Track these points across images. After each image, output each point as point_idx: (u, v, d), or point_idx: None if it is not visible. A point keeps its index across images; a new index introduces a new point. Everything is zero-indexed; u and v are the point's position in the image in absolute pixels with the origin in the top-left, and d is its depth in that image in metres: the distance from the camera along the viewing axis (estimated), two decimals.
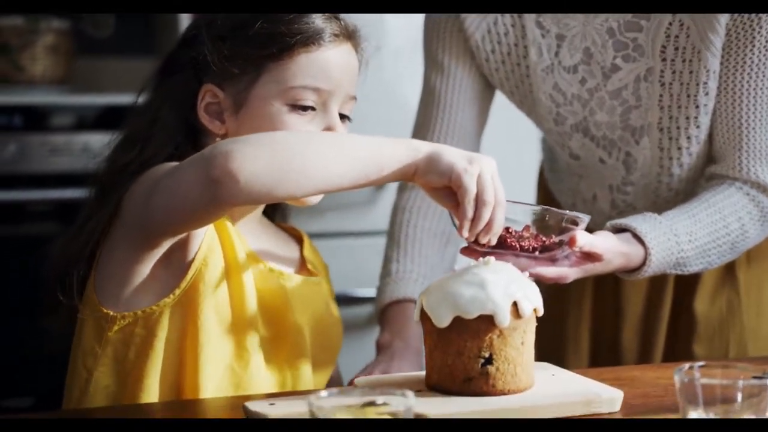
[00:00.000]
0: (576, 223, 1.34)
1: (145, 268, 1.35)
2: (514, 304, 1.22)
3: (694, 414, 1.07)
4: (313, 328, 1.48)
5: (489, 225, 1.25)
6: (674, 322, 1.75)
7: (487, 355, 1.22)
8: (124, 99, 2.68)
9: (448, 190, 1.26)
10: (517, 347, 1.23)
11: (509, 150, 2.50)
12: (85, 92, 2.85)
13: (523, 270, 1.31)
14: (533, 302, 1.24)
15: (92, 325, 1.38)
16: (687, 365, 1.09)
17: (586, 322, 1.81)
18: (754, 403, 1.06)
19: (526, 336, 1.24)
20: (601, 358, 1.80)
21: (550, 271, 1.37)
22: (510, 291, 1.22)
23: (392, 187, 1.79)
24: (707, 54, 1.54)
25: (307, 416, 0.99)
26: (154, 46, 3.02)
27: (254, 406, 1.18)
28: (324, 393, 1.01)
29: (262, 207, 1.51)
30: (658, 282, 1.73)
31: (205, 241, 1.36)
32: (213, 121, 1.44)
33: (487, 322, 1.21)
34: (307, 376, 1.46)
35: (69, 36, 2.82)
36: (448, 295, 1.22)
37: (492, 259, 1.26)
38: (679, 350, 1.73)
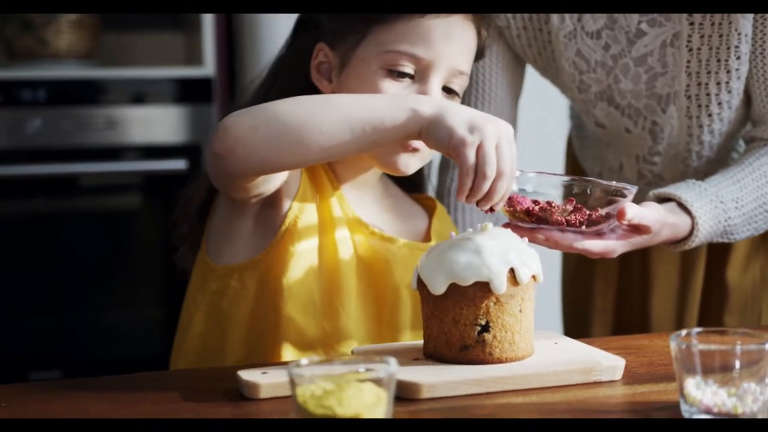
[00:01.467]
0: (623, 195, 1.29)
1: (242, 223, 1.41)
2: (512, 270, 1.19)
3: (692, 382, 1.04)
4: (413, 292, 1.43)
5: (489, 195, 1.20)
6: (707, 292, 1.70)
7: (483, 322, 1.19)
8: (150, 73, 2.74)
9: None
10: (514, 315, 1.20)
11: (538, 117, 2.46)
12: (111, 66, 2.85)
13: (568, 245, 1.28)
14: (532, 269, 1.21)
15: (199, 274, 1.45)
16: (684, 331, 1.06)
17: (612, 293, 1.78)
18: (753, 371, 1.03)
19: (525, 303, 1.21)
20: (630, 331, 1.76)
21: (596, 246, 1.32)
22: (507, 257, 1.19)
23: None
24: (738, 17, 1.48)
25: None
26: (179, 20, 3.01)
27: (247, 375, 1.17)
28: (305, 361, 0.99)
29: (374, 171, 1.48)
30: (690, 253, 1.69)
31: (297, 202, 1.39)
32: (322, 81, 1.45)
33: (483, 288, 1.18)
34: (407, 339, 1.44)
35: None
36: (444, 261, 1.20)
37: (490, 225, 1.24)
38: (711, 321, 1.69)
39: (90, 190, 2.75)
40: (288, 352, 1.38)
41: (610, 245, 1.34)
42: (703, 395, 1.03)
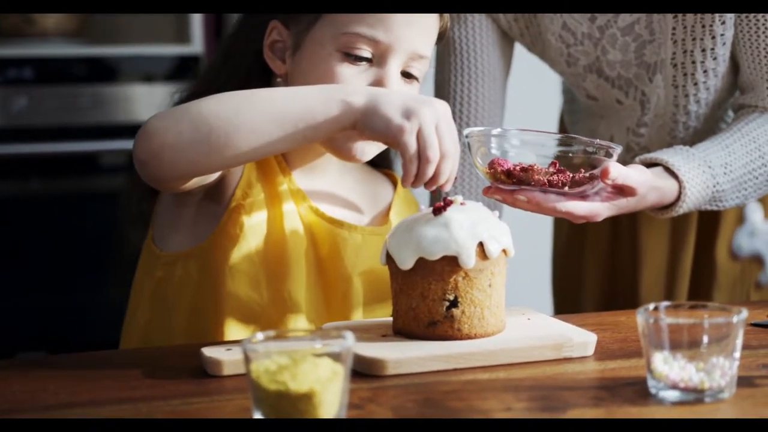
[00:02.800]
0: (608, 155, 1.26)
1: (185, 211, 1.37)
2: (481, 244, 1.17)
3: (660, 357, 1.01)
4: (367, 279, 1.41)
5: (434, 177, 1.18)
6: (696, 270, 1.67)
7: (451, 297, 1.17)
8: (138, 51, 2.71)
9: None
10: (483, 290, 1.18)
11: (530, 92, 2.41)
12: (99, 44, 2.82)
13: (552, 207, 1.24)
14: (502, 243, 1.18)
15: (145, 260, 1.41)
16: (652, 305, 1.03)
17: (602, 270, 1.75)
18: (722, 346, 1.00)
19: (495, 278, 1.19)
20: (618, 303, 1.74)
21: (580, 208, 1.27)
22: (476, 231, 1.16)
23: None
24: None
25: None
26: None
27: (210, 352, 1.15)
28: (260, 336, 0.97)
29: (328, 155, 1.40)
30: (680, 228, 1.66)
31: (241, 186, 1.34)
32: (275, 60, 1.38)
33: (452, 263, 1.16)
34: None
35: None
36: (412, 235, 1.17)
37: (460, 197, 1.21)
38: (701, 299, 1.66)
39: (76, 170, 2.73)
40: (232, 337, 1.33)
41: (594, 208, 1.29)
42: (671, 370, 1.00)
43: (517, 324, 1.24)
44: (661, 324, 1.01)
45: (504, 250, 1.19)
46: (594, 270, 1.75)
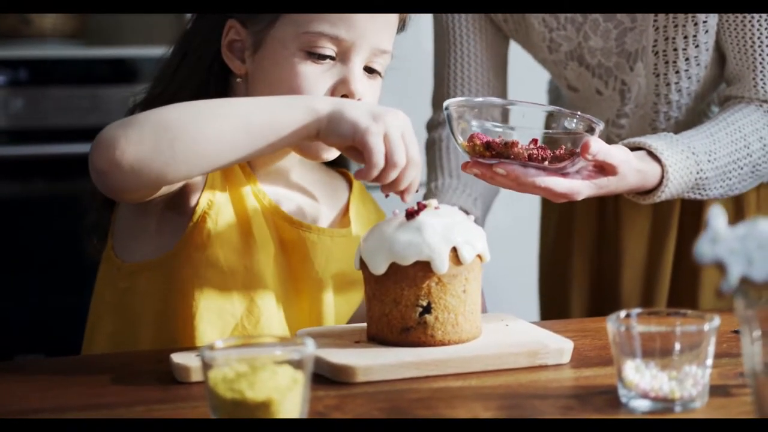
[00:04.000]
0: (591, 130, 1.24)
1: (147, 221, 1.32)
2: (454, 249, 1.15)
3: (631, 365, 0.99)
4: (338, 282, 1.40)
5: (395, 182, 1.17)
6: (678, 268, 1.65)
7: (425, 303, 1.15)
8: (137, 52, 2.70)
9: (357, 149, 1.18)
10: (457, 295, 1.16)
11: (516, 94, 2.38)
12: (97, 46, 2.82)
13: (531, 182, 1.22)
14: (476, 248, 1.16)
15: (106, 272, 1.37)
16: (623, 313, 1.01)
17: (588, 268, 1.73)
18: (695, 354, 0.98)
19: (469, 284, 1.17)
20: (604, 306, 1.71)
21: (560, 185, 1.25)
22: (449, 236, 1.15)
23: None
24: None
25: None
26: None
27: (179, 358, 1.13)
28: (219, 343, 0.95)
29: (291, 156, 1.38)
30: (660, 229, 1.64)
31: (205, 194, 1.31)
32: (234, 60, 1.35)
33: (425, 268, 1.14)
34: None
35: None
36: (384, 240, 1.16)
37: (434, 201, 1.19)
38: (683, 299, 1.64)
39: (71, 173, 2.72)
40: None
41: (574, 185, 1.27)
42: (641, 379, 0.98)
43: (493, 330, 1.22)
44: (632, 332, 0.98)
45: (479, 256, 1.17)
46: (580, 271, 1.73)
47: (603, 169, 1.29)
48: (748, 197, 1.60)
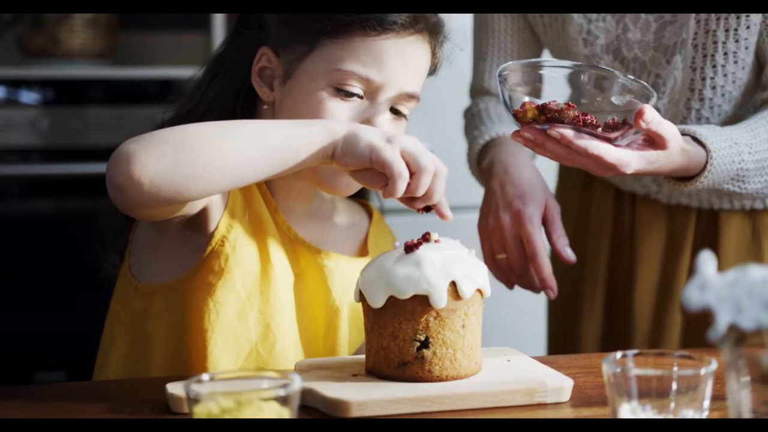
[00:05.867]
0: (646, 97, 1.23)
1: (165, 242, 1.33)
2: (453, 284, 1.13)
3: (627, 408, 0.97)
4: (354, 311, 1.40)
5: (427, 195, 1.17)
6: None
7: (422, 338, 1.14)
8: (164, 72, 2.71)
9: (374, 171, 1.17)
10: (456, 330, 1.14)
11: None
12: (126, 66, 2.84)
13: (583, 148, 1.21)
14: (476, 283, 1.15)
15: (122, 291, 1.37)
16: (619, 354, 0.99)
17: (600, 291, 1.70)
18: (691, 397, 0.96)
19: (468, 319, 1.15)
20: (613, 332, 1.69)
21: (611, 154, 1.24)
22: (448, 270, 1.13)
23: None
24: None
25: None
26: (192, 19, 2.99)
27: (174, 388, 1.12)
28: (206, 376, 0.94)
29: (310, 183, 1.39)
30: (674, 252, 1.61)
31: (225, 218, 1.31)
32: (263, 87, 1.36)
33: (423, 302, 1.13)
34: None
35: None
36: (383, 273, 1.15)
37: (435, 234, 1.18)
38: (699, 326, 1.61)
39: (97, 191, 2.73)
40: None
41: (624, 156, 1.25)
42: None
43: (494, 366, 1.20)
44: (628, 374, 0.97)
45: (479, 290, 1.16)
46: (591, 294, 1.70)
47: (653, 142, 1.28)
48: (764, 222, 1.57)
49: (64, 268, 2.68)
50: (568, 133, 1.21)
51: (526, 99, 1.24)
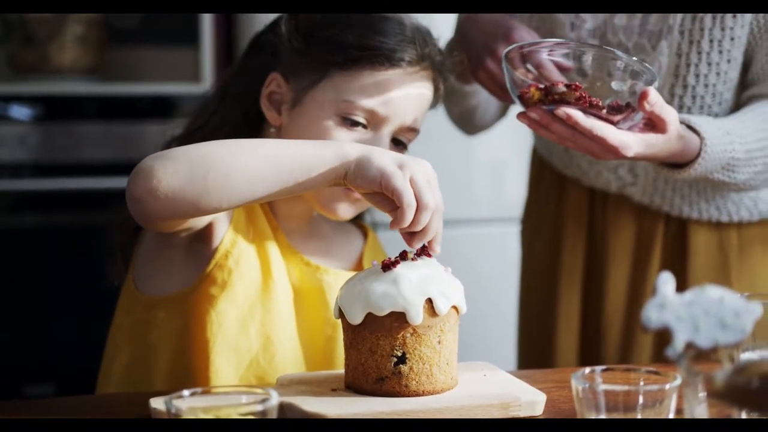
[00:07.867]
0: (649, 81, 1.25)
1: (170, 254, 1.37)
2: (429, 301, 1.16)
3: None
4: None
5: (424, 231, 1.18)
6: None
7: (399, 353, 1.17)
8: (154, 89, 2.74)
9: (384, 195, 1.19)
10: (432, 346, 1.17)
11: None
12: (116, 82, 2.86)
13: (588, 129, 1.24)
14: (452, 300, 1.18)
15: (126, 301, 1.42)
16: (587, 369, 1.02)
17: (575, 304, 1.72)
18: (657, 411, 0.99)
19: (444, 335, 1.18)
20: (588, 340, 1.71)
21: (615, 137, 1.27)
22: (424, 287, 1.16)
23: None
24: None
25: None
26: (181, 35, 3.02)
27: (157, 403, 1.15)
28: (186, 392, 0.97)
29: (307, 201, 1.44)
30: (643, 261, 1.64)
31: (229, 233, 1.36)
32: (271, 110, 1.42)
33: (400, 319, 1.16)
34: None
35: (100, 27, 2.84)
36: (361, 290, 1.18)
37: (412, 252, 1.21)
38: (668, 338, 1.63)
39: (88, 206, 2.76)
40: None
41: (627, 138, 1.29)
42: None
43: (470, 381, 1.23)
44: (596, 389, 1.00)
45: (455, 307, 1.19)
46: (568, 303, 1.72)
47: (654, 125, 1.31)
48: (731, 237, 1.60)
49: (54, 282, 2.71)
50: (576, 113, 1.25)
51: (532, 81, 1.27)
